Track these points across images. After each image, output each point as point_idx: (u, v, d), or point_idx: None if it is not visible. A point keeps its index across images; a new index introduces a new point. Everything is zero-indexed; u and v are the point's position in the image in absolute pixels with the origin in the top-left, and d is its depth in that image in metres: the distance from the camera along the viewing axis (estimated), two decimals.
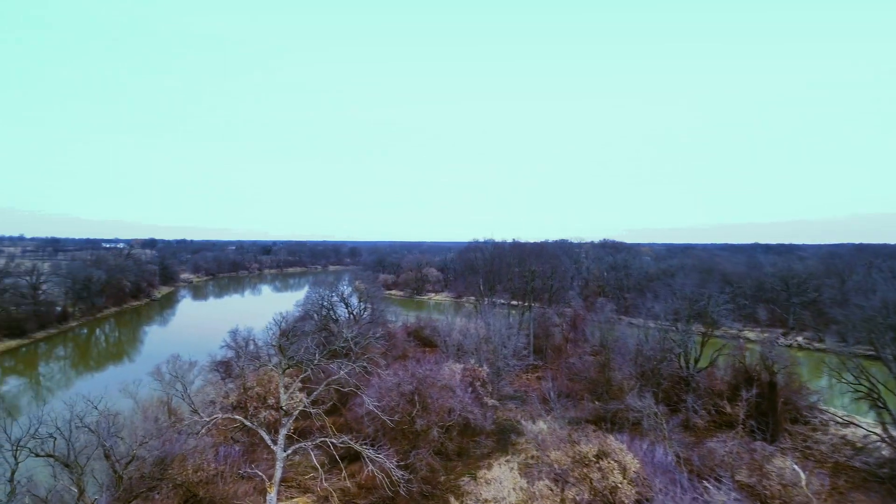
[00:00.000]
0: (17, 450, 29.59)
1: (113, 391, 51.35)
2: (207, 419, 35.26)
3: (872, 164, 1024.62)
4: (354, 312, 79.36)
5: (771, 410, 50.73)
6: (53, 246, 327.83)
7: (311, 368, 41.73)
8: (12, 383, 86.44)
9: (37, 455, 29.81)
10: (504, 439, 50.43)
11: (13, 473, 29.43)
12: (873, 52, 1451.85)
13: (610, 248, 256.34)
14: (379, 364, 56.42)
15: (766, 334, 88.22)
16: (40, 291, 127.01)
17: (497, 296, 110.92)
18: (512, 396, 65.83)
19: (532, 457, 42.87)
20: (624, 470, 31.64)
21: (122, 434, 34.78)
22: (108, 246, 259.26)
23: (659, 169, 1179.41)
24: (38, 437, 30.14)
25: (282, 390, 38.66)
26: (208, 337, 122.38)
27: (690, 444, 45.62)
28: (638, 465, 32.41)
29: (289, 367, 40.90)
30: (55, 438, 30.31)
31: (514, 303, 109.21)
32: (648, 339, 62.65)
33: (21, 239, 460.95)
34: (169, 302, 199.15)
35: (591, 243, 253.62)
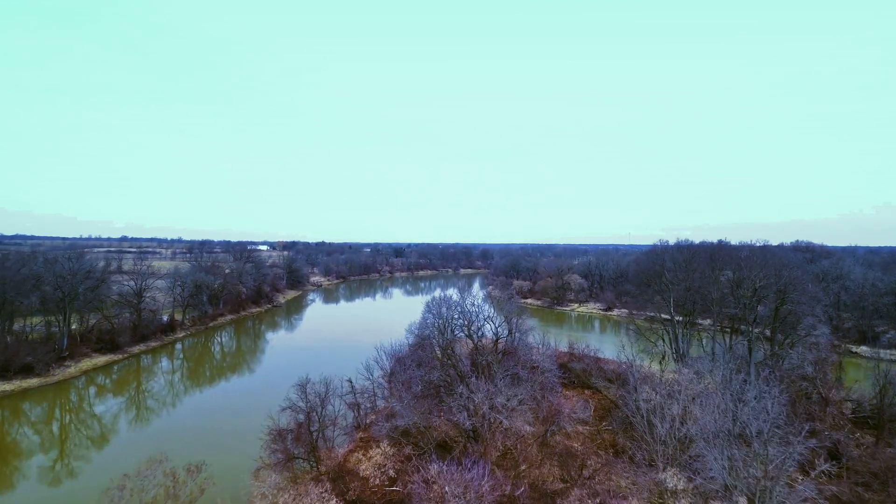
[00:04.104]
0: None
1: None
2: None
3: None
4: (488, 360, 53.35)
5: None
6: (201, 248, 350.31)
7: None
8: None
9: None
10: None
11: None
12: None
13: (805, 252, 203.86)
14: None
15: None
16: (143, 300, 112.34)
17: (672, 315, 79.46)
18: None
19: None
20: None
21: None
22: (251, 248, 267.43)
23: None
24: None
25: None
26: (323, 350, 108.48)
27: None
28: None
29: None
30: None
31: (691, 320, 77.35)
32: None
33: (179, 241, 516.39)
34: (295, 307, 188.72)
35: (781, 246, 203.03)
